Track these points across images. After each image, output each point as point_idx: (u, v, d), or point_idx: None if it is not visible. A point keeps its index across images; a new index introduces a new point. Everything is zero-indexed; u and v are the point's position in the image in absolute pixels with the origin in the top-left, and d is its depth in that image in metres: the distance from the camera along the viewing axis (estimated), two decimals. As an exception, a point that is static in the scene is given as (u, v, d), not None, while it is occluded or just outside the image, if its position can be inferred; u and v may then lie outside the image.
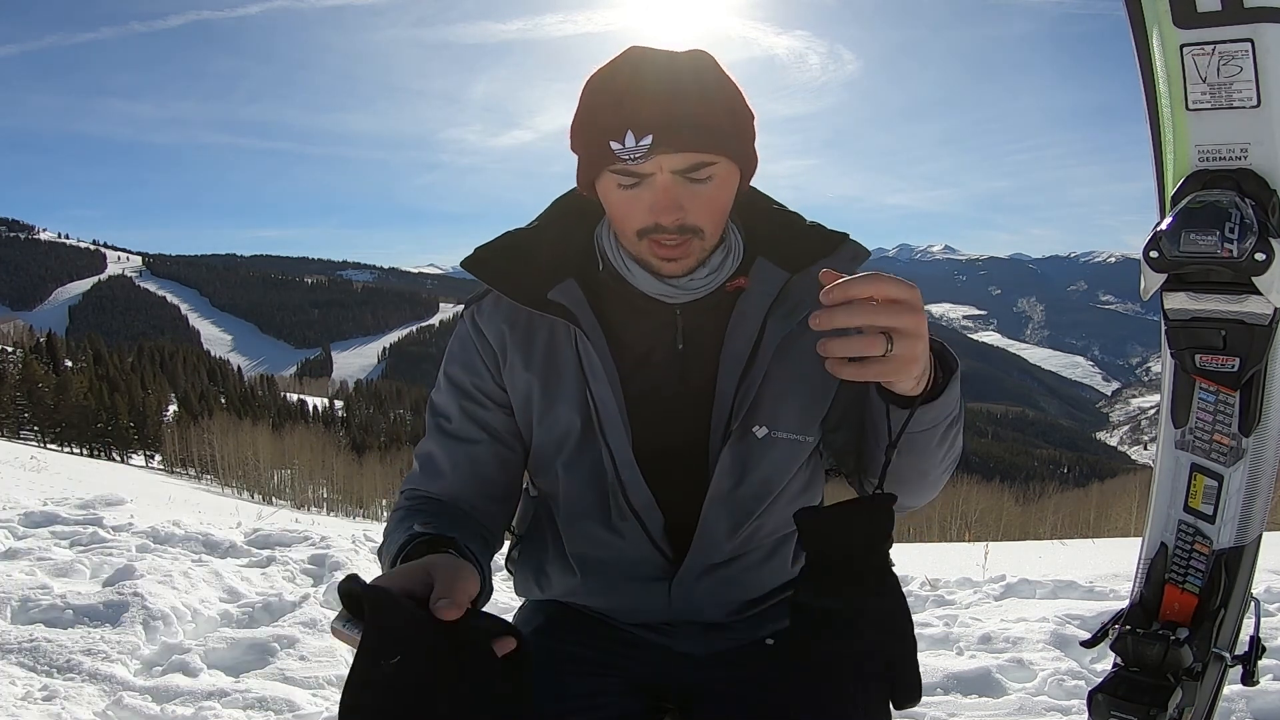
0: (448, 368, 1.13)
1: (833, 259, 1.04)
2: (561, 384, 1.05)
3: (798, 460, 1.10)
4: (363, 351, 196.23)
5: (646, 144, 0.91)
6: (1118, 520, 32.06)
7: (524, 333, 1.07)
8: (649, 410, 1.05)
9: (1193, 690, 1.13)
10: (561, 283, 1.04)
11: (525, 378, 1.06)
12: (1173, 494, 1.18)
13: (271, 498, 46.89)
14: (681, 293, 1.03)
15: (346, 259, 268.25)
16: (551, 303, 1.03)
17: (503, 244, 1.09)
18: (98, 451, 61.20)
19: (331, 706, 2.40)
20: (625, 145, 0.92)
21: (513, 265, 1.06)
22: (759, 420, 1.04)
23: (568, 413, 1.05)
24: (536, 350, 1.06)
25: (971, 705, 2.45)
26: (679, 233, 0.97)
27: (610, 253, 1.06)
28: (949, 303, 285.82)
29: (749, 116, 1.01)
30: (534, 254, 1.07)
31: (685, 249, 0.99)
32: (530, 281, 1.04)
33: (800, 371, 1.04)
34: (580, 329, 1.02)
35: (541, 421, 1.07)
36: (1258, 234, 1.00)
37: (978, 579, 4.17)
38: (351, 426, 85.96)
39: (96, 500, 6.11)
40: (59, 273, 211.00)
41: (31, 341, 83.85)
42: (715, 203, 0.98)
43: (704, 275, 1.03)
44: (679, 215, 0.96)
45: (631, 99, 0.93)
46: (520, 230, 1.11)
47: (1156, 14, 1.04)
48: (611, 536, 1.08)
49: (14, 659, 2.55)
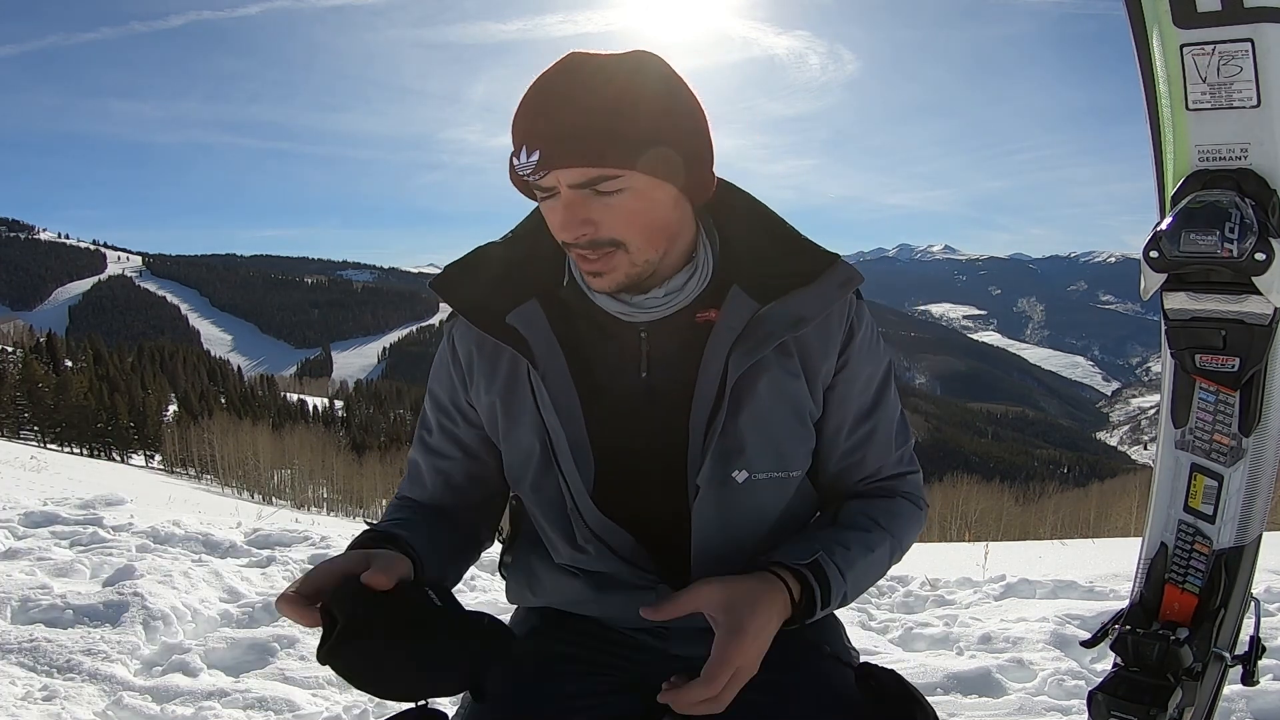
0: (430, 382, 1.15)
1: (811, 288, 0.99)
2: (523, 408, 1.03)
3: (785, 495, 1.06)
4: (363, 351, 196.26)
5: (534, 160, 0.88)
6: (1118, 520, 32.07)
7: (490, 354, 1.05)
8: (614, 436, 1.01)
9: (1193, 690, 1.13)
10: (524, 304, 1.01)
11: (488, 400, 1.06)
12: (1173, 494, 1.18)
13: (271, 498, 46.90)
14: (639, 311, 0.99)
15: (346, 259, 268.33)
16: (508, 328, 1.00)
17: (470, 262, 1.06)
18: (98, 451, 61.22)
19: (332, 706, 2.40)
20: (522, 160, 0.89)
21: (475, 287, 1.03)
22: (736, 465, 0.99)
23: (528, 436, 1.03)
24: (500, 373, 1.04)
25: (971, 705, 2.44)
26: (591, 247, 0.93)
27: (574, 267, 1.02)
28: (949, 303, 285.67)
29: (690, 125, 0.94)
30: (500, 272, 1.04)
31: (608, 263, 0.94)
32: (492, 304, 1.01)
33: (773, 407, 1.00)
34: (531, 363, 0.99)
35: (505, 441, 1.07)
36: (1258, 234, 1.00)
37: (978, 579, 4.17)
38: (351, 426, 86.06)
39: (96, 500, 6.11)
40: (59, 273, 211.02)
41: (31, 341, 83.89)
42: (635, 216, 0.92)
43: (661, 295, 0.98)
44: (585, 230, 0.91)
45: (529, 112, 0.89)
46: (492, 245, 1.08)
47: (1156, 14, 1.04)
48: (580, 555, 1.06)
49: (14, 659, 2.55)
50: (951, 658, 2.86)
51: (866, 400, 1.08)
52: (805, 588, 0.95)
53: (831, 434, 1.07)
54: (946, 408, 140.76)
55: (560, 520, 1.05)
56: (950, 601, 3.80)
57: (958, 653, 2.92)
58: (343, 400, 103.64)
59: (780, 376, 1.00)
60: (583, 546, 1.04)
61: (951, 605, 3.74)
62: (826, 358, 1.03)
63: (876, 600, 3.85)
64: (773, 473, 1.02)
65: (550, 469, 1.02)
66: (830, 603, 0.96)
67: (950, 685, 2.56)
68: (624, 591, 1.06)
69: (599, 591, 1.08)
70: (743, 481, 1.00)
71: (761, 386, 0.99)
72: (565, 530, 1.05)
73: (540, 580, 1.13)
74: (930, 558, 5.47)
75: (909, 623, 3.32)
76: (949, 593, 3.94)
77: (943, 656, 2.89)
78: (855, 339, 1.05)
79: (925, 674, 2.62)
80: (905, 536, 1.09)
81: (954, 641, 3.04)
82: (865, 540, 1.03)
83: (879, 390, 1.09)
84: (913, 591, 3.94)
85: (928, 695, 0.98)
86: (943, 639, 3.09)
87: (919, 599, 3.84)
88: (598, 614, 1.12)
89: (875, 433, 1.09)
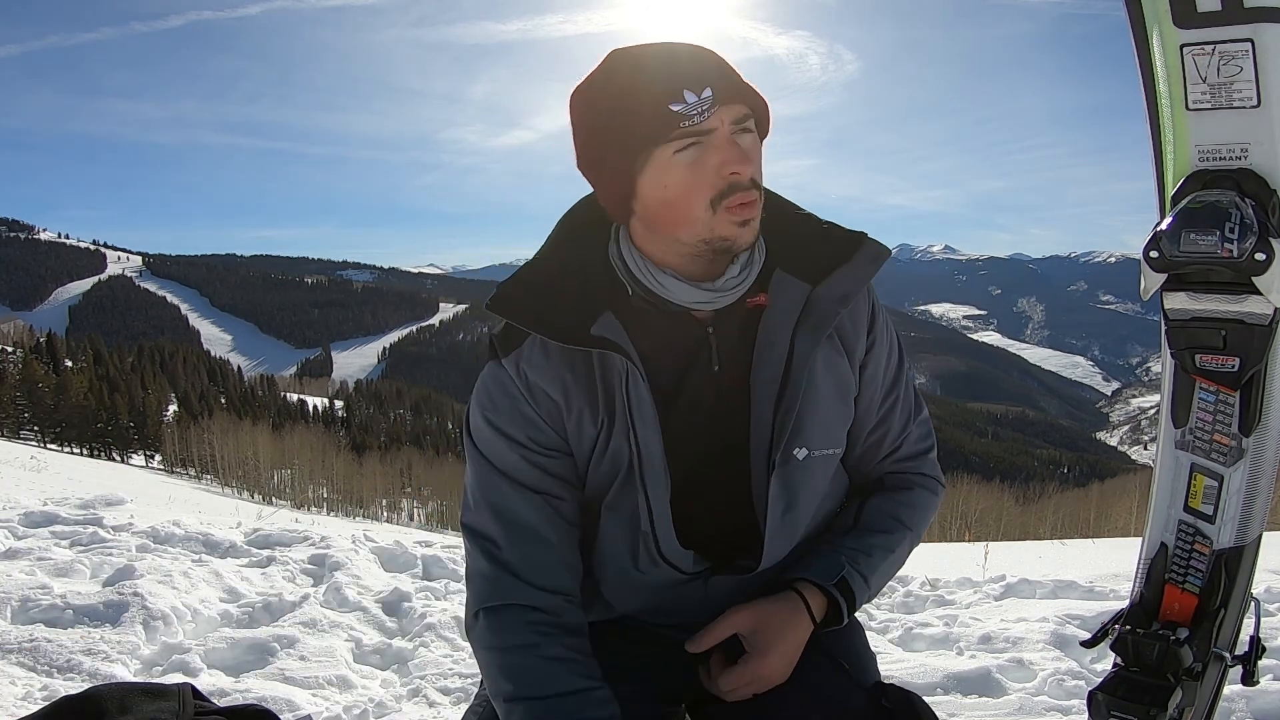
0: (490, 421, 1.02)
1: (851, 265, 1.02)
2: (618, 423, 1.00)
3: (830, 471, 1.11)
4: (363, 351, 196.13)
5: (709, 95, 0.89)
6: (1118, 520, 32.05)
7: (585, 376, 1.00)
8: (689, 449, 1.02)
9: (1193, 690, 1.13)
10: (601, 315, 0.98)
11: (593, 421, 1.01)
12: (1173, 494, 1.18)
13: (271, 498, 46.86)
14: (718, 295, 0.98)
15: (346, 259, 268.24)
16: (597, 338, 0.96)
17: (527, 279, 1.02)
18: (98, 451, 61.19)
19: (332, 706, 2.40)
20: (688, 102, 0.88)
21: (547, 305, 0.98)
22: (798, 443, 1.02)
23: (618, 452, 1.01)
24: (598, 391, 1.00)
25: (971, 705, 2.44)
26: (754, 186, 0.93)
27: (639, 271, 0.99)
28: (949, 303, 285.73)
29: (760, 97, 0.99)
30: (562, 289, 1.00)
31: (756, 208, 0.95)
32: (570, 320, 0.97)
33: (825, 385, 1.04)
34: (633, 363, 0.97)
35: (599, 463, 1.02)
36: (1258, 234, 1.00)
37: (978, 579, 4.16)
38: (351, 426, 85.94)
39: (96, 500, 6.10)
40: (59, 273, 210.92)
41: (31, 341, 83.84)
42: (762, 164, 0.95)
43: (737, 273, 0.98)
44: (751, 168, 0.92)
45: (680, 64, 0.90)
46: (537, 262, 1.04)
47: (1156, 14, 1.04)
48: (641, 577, 1.07)
49: (14, 659, 2.55)
50: (951, 658, 2.86)
51: (890, 375, 1.12)
52: (831, 602, 1.04)
53: (864, 410, 1.12)
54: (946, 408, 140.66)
55: (628, 544, 1.05)
56: (950, 601, 3.80)
57: (958, 653, 2.92)
58: (343, 400, 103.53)
59: (831, 356, 1.04)
60: (644, 569, 1.05)
61: (951, 605, 3.73)
62: (860, 336, 1.07)
63: (876, 600, 3.85)
64: (825, 450, 1.06)
65: (630, 486, 1.01)
66: (855, 611, 1.06)
67: (950, 685, 2.57)
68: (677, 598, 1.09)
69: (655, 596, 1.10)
70: (803, 459, 1.03)
71: (818, 366, 1.02)
72: (630, 549, 1.05)
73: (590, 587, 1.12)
74: (930, 558, 5.47)
75: (909, 623, 3.32)
76: (949, 593, 3.94)
77: (943, 656, 2.89)
78: (878, 317, 1.09)
79: (925, 674, 2.62)
80: (923, 525, 1.15)
81: (954, 641, 3.04)
82: (887, 543, 1.10)
83: (899, 364, 1.14)
84: (913, 591, 3.94)
85: (927, 695, 0.99)
86: (943, 639, 3.09)
87: (919, 599, 3.84)
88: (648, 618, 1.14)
89: (897, 406, 1.14)
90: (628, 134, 0.92)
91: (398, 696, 2.59)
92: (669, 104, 0.89)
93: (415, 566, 4.18)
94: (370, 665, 2.85)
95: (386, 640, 3.04)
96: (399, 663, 2.86)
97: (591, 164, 0.98)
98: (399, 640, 3.05)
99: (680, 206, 0.93)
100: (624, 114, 0.91)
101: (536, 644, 0.98)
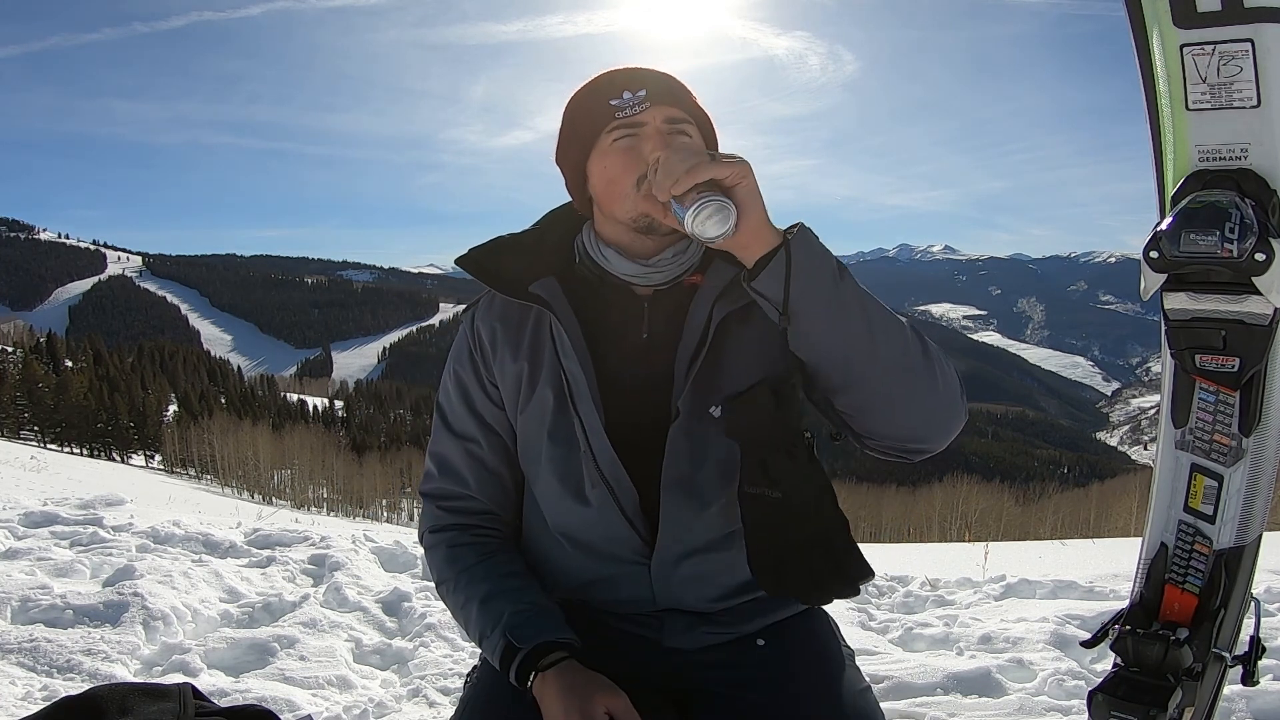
0: (452, 365, 1.25)
1: None
2: (543, 366, 1.16)
3: None
4: (363, 351, 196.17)
5: (643, 94, 1.08)
6: (1118, 520, 32.08)
7: (515, 327, 1.19)
8: (618, 390, 1.13)
9: (1193, 690, 1.13)
10: (543, 279, 1.16)
11: (514, 366, 1.17)
12: (1173, 494, 1.18)
13: (271, 498, 46.89)
14: (653, 272, 1.13)
15: (346, 259, 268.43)
16: (532, 294, 1.15)
17: (492, 245, 1.22)
18: (98, 451, 61.20)
19: (332, 706, 2.40)
20: (624, 99, 1.08)
21: (498, 262, 1.19)
22: (713, 401, 1.08)
23: (543, 390, 1.15)
24: (525, 340, 1.18)
25: (971, 705, 2.44)
26: None
27: (590, 247, 1.17)
28: (949, 303, 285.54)
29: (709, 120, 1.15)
30: (519, 253, 1.20)
31: None
32: (514, 276, 1.17)
33: (751, 350, 1.11)
34: (554, 315, 1.13)
35: (526, 403, 1.17)
36: (1258, 234, 1.00)
37: (978, 579, 4.16)
38: (351, 426, 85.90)
39: (96, 500, 6.10)
40: (59, 273, 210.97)
41: (31, 341, 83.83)
42: None
43: (670, 256, 1.13)
44: None
45: (625, 72, 1.11)
46: (509, 234, 1.24)
47: (1156, 14, 1.04)
48: (585, 509, 1.14)
49: (14, 659, 2.55)
50: (951, 658, 2.86)
51: None
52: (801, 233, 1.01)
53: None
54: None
55: (570, 469, 1.14)
56: (950, 601, 3.80)
57: (958, 653, 2.92)
58: (343, 400, 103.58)
59: (759, 324, 1.09)
60: (588, 496, 1.13)
61: (951, 605, 3.73)
62: None
63: (876, 600, 3.85)
64: None
65: (566, 413, 1.13)
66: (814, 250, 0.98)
67: (950, 685, 2.56)
68: (615, 564, 1.14)
69: (591, 563, 1.16)
70: (716, 416, 1.09)
71: (747, 335, 1.11)
72: (574, 480, 1.14)
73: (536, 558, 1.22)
74: (930, 558, 5.48)
75: (909, 623, 3.32)
76: (949, 593, 3.94)
77: (943, 656, 2.89)
78: None
79: (925, 674, 2.62)
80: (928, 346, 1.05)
81: (954, 641, 3.04)
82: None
83: None
84: (913, 591, 3.94)
85: (927, 695, 0.98)
86: (943, 639, 3.09)
87: (919, 599, 3.84)
88: (592, 595, 1.18)
89: None
90: (582, 128, 1.12)
91: (398, 696, 2.59)
92: (609, 100, 1.09)
93: (415, 566, 4.18)
94: (370, 665, 2.85)
95: (386, 640, 3.04)
96: (399, 663, 2.86)
97: (560, 158, 1.17)
98: (399, 640, 3.05)
99: (616, 186, 1.09)
100: (581, 111, 1.12)
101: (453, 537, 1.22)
